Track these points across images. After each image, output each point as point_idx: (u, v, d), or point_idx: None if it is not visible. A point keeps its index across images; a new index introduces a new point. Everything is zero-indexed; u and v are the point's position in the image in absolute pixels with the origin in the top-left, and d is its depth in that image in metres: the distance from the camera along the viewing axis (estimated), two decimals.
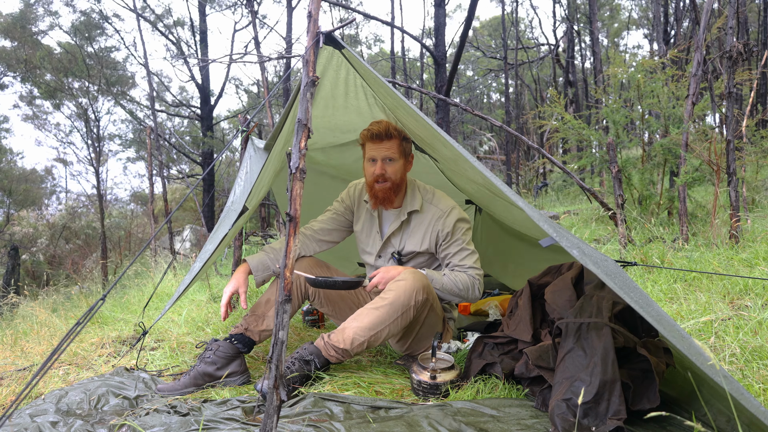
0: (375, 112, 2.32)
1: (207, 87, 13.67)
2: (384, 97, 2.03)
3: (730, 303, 2.38)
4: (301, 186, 1.25)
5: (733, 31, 3.56)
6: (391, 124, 2.04)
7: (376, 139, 2.02)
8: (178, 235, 11.39)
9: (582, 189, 4.56)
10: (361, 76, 2.00)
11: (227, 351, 1.90)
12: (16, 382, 1.99)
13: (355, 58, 1.77)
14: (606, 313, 1.46)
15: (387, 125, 2.02)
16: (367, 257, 2.27)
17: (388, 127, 2.02)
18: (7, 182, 14.89)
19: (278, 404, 1.13)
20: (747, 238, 3.56)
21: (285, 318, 1.18)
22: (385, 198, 2.08)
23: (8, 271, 8.98)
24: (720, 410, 1.33)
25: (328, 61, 1.87)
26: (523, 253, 2.89)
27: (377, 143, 2.03)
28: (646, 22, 21.13)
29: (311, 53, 1.37)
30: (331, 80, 2.02)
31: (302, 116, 1.29)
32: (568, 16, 16.10)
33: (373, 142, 2.03)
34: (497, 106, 26.25)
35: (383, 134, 2.01)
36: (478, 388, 1.69)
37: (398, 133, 2.04)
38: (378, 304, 1.81)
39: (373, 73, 1.74)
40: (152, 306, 3.44)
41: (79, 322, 1.39)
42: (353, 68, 1.93)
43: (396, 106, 1.97)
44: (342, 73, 1.99)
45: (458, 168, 2.21)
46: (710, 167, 4.02)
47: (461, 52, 6.40)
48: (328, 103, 2.24)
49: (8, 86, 13.59)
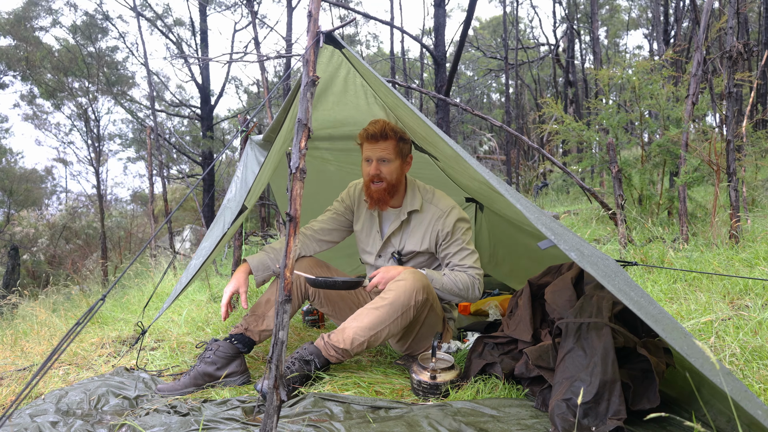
0: (375, 110, 2.32)
1: (207, 87, 13.67)
2: (384, 96, 2.03)
3: (730, 303, 2.38)
4: (301, 186, 1.25)
5: (733, 31, 3.56)
6: (388, 124, 2.03)
7: (371, 140, 2.02)
8: (178, 235, 11.39)
9: (582, 189, 4.56)
10: (361, 75, 2.00)
11: (227, 351, 1.90)
12: (16, 382, 1.99)
13: (355, 57, 1.77)
14: (606, 313, 1.46)
15: (383, 125, 2.01)
16: (367, 257, 2.27)
17: (384, 128, 2.01)
18: (8, 182, 14.89)
19: (278, 404, 1.13)
20: (747, 238, 3.55)
21: (285, 318, 1.18)
22: (380, 199, 2.08)
23: (8, 271, 8.98)
24: (720, 410, 1.33)
25: (328, 60, 1.87)
26: (528, 248, 2.87)
27: (373, 143, 2.02)
28: (645, 22, 21.13)
29: (311, 53, 1.37)
30: (331, 78, 2.02)
31: (302, 116, 1.29)
32: (568, 16, 16.10)
33: (369, 142, 2.03)
34: (497, 106, 26.25)
35: (379, 135, 2.00)
36: (478, 388, 1.69)
37: (395, 134, 2.03)
38: (378, 304, 1.81)
39: (373, 73, 1.74)
40: (152, 306, 3.44)
41: (79, 322, 1.39)
42: (353, 67, 1.93)
43: (396, 105, 1.97)
44: (342, 72, 1.99)
45: (459, 166, 2.21)
46: (710, 167, 4.02)
47: (461, 52, 6.40)
48: (328, 99, 2.24)
49: (8, 85, 13.58)
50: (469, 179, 2.43)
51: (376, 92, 2.11)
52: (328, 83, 2.08)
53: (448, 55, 10.84)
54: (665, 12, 11.67)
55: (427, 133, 2.01)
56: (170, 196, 17.94)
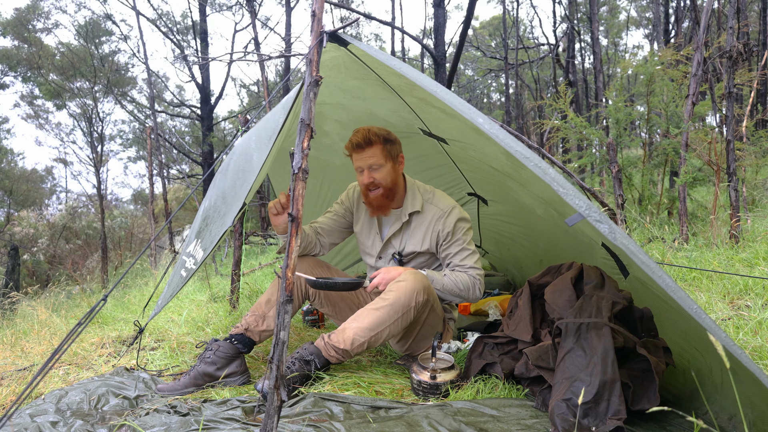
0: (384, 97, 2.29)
1: (207, 87, 13.68)
2: (398, 82, 1.97)
3: (730, 303, 2.38)
4: (303, 186, 1.25)
5: (733, 31, 3.56)
6: (371, 130, 2.01)
7: (357, 149, 2.01)
8: (178, 235, 11.39)
9: (582, 189, 4.56)
10: (372, 70, 1.97)
11: (227, 351, 1.91)
12: (16, 382, 1.99)
13: (363, 52, 1.71)
14: (606, 313, 1.46)
15: (366, 132, 2.00)
16: (367, 258, 2.27)
17: (366, 134, 2.00)
18: (8, 182, 14.90)
19: (278, 404, 1.13)
20: (747, 238, 3.55)
21: (286, 318, 1.18)
22: (380, 205, 2.08)
23: (8, 271, 8.98)
24: (723, 407, 1.33)
25: (332, 59, 1.85)
26: (541, 234, 2.79)
27: (359, 152, 2.02)
28: (645, 22, 21.13)
29: (315, 52, 1.37)
30: (336, 72, 2.00)
31: (305, 116, 1.28)
32: (568, 16, 16.09)
33: (356, 151, 2.02)
34: (497, 106, 26.24)
35: (363, 143, 1.99)
36: (478, 388, 1.69)
37: (379, 138, 2.01)
38: (378, 304, 1.81)
39: (384, 63, 1.66)
40: (152, 306, 3.44)
41: (81, 322, 1.40)
42: (365, 64, 1.90)
43: (412, 86, 1.90)
44: (343, 71, 1.98)
45: (478, 145, 2.13)
46: (710, 167, 4.02)
47: (460, 52, 6.40)
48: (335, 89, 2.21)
49: (9, 86, 13.59)
50: (480, 160, 2.31)
51: (387, 81, 2.06)
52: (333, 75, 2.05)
53: (448, 55, 10.85)
54: (665, 12, 11.67)
55: (447, 109, 1.93)
56: (170, 196, 17.94)
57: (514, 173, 2.02)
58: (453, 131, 2.19)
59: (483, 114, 1.50)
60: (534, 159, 1.38)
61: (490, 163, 2.13)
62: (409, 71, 1.59)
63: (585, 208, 1.29)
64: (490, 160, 2.08)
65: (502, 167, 2.00)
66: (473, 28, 20.73)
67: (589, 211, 1.29)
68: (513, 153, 1.38)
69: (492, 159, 2.07)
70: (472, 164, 2.71)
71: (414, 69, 1.63)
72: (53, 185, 21.92)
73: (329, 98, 2.47)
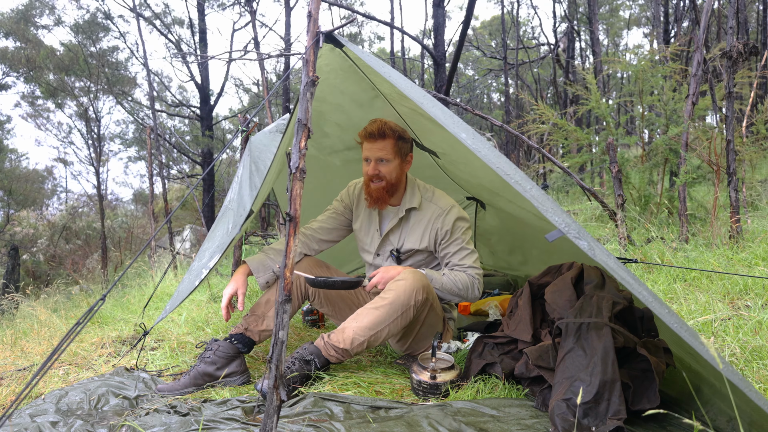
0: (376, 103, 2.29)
1: (207, 87, 13.66)
2: (390, 90, 1.99)
3: (730, 303, 2.38)
4: (301, 186, 1.25)
5: (733, 31, 3.56)
6: (387, 123, 2.02)
7: (370, 138, 2.01)
8: (178, 235, 11.38)
9: (582, 189, 4.56)
10: (363, 73, 1.98)
11: (227, 351, 1.90)
12: (16, 382, 1.99)
13: (356, 55, 1.75)
14: (606, 313, 1.46)
15: (381, 125, 2.00)
16: (365, 255, 2.27)
17: (382, 127, 2.00)
18: (8, 182, 14.88)
19: (278, 404, 1.13)
20: (747, 238, 3.55)
21: (285, 318, 1.18)
22: (379, 197, 2.08)
23: (8, 271, 8.97)
24: (721, 410, 1.33)
25: (329, 59, 1.86)
26: (535, 241, 2.82)
27: (371, 142, 2.02)
28: (645, 21, 21.12)
29: (311, 53, 1.37)
30: (333, 73, 2.01)
31: (302, 116, 1.29)
32: (568, 16, 16.09)
33: (368, 141, 2.02)
34: (497, 106, 26.24)
35: (377, 134, 2.00)
36: (478, 388, 1.69)
37: (393, 133, 2.01)
38: (378, 303, 1.81)
39: (375, 70, 1.69)
40: (152, 306, 3.45)
41: (79, 322, 1.40)
42: (357, 67, 1.91)
43: (402, 96, 1.93)
44: (340, 72, 1.98)
45: (467, 160, 2.15)
46: (710, 167, 4.02)
47: (460, 52, 6.40)
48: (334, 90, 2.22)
49: (11, 86, 13.57)
50: (470, 175, 2.37)
51: (378, 86, 2.07)
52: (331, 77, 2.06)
53: (448, 55, 10.85)
54: (665, 12, 11.67)
55: (434, 123, 1.95)
56: (170, 196, 17.94)
57: (503, 191, 2.05)
58: (443, 144, 2.20)
59: (469, 127, 1.51)
60: (516, 176, 1.41)
61: (480, 180, 2.12)
62: (398, 79, 1.60)
63: (564, 225, 1.31)
64: (480, 176, 2.08)
65: (492, 184, 2.00)
66: (473, 28, 20.74)
67: (568, 228, 1.31)
68: (495, 169, 1.41)
69: (482, 176, 2.08)
70: (462, 180, 2.69)
71: (403, 77, 1.65)
72: (53, 185, 21.91)
73: (331, 97, 2.48)
